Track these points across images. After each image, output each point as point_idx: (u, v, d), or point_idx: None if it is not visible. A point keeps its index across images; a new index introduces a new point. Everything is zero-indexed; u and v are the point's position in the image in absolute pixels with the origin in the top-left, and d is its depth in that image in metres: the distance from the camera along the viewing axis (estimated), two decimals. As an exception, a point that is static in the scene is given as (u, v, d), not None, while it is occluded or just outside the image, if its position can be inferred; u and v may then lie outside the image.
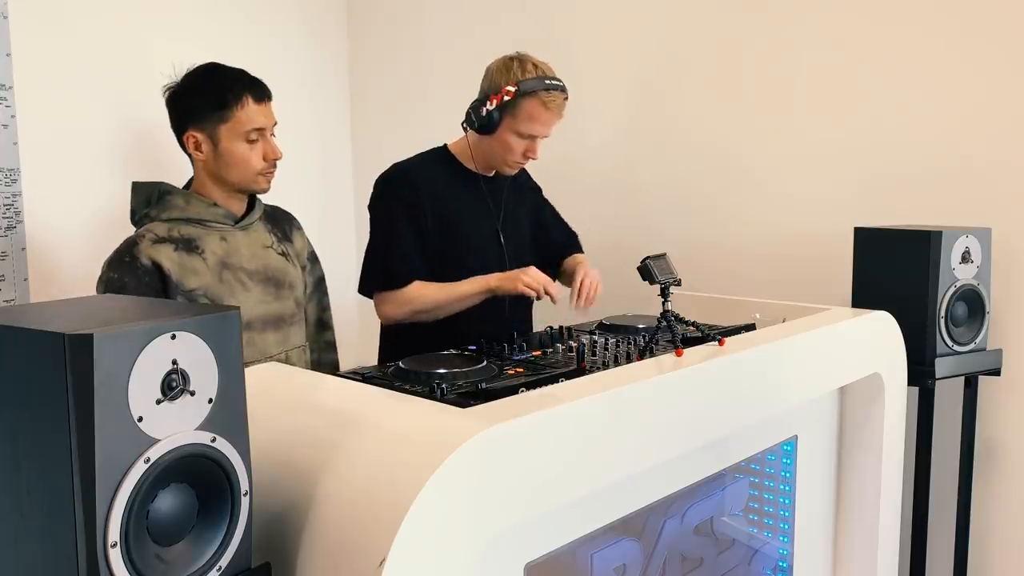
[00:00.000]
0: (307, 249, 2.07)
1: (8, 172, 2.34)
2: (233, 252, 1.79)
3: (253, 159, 1.78)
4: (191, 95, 1.78)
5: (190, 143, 1.78)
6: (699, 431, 1.45)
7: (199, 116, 1.76)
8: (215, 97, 1.75)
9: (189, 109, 1.78)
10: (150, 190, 1.80)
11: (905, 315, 1.95)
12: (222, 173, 1.79)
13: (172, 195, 1.78)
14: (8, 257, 2.34)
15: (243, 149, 1.76)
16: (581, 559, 1.37)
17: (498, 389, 1.36)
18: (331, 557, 1.04)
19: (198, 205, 1.78)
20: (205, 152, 1.77)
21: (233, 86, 1.76)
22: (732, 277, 2.55)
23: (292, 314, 1.93)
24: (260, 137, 1.79)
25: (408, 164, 2.07)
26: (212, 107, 1.75)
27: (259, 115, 1.77)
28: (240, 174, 1.79)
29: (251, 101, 1.76)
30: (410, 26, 3.26)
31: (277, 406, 1.31)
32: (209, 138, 1.76)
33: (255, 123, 1.77)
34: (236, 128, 1.75)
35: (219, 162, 1.78)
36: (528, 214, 2.26)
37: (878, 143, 2.30)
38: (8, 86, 2.32)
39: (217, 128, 1.75)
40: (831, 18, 2.35)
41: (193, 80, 1.80)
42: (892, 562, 2.03)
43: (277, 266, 1.89)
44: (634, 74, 2.73)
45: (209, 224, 1.78)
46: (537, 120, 1.97)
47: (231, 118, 1.75)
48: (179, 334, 0.93)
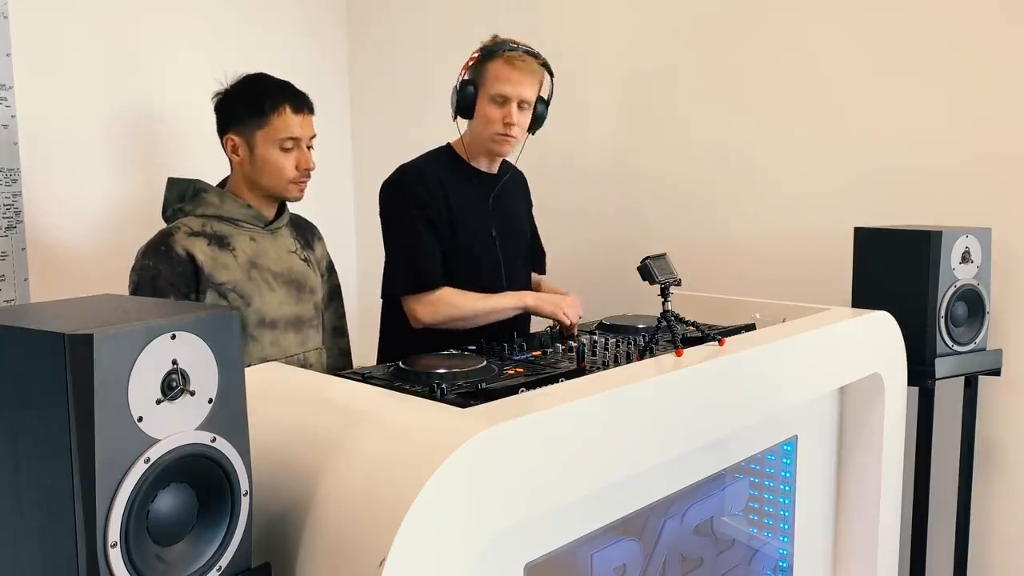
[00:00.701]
0: (326, 259, 2.12)
1: (8, 172, 2.34)
2: (261, 253, 1.85)
3: (286, 167, 1.85)
4: (234, 100, 1.86)
5: (228, 145, 1.86)
6: (699, 431, 1.45)
7: (238, 121, 1.84)
8: (255, 104, 1.82)
9: (230, 113, 1.86)
10: (185, 186, 1.86)
11: (905, 315, 1.95)
12: (256, 177, 1.86)
13: (207, 193, 1.85)
14: (8, 257, 2.34)
15: (277, 156, 1.83)
16: (581, 559, 1.37)
17: (498, 389, 1.37)
18: (331, 557, 1.04)
19: (232, 204, 1.84)
20: (242, 155, 1.85)
21: (273, 95, 1.84)
22: (732, 277, 2.55)
23: (311, 317, 1.98)
24: (295, 146, 1.86)
25: (416, 165, 2.07)
26: (251, 113, 1.83)
27: (296, 125, 1.84)
28: (272, 180, 1.86)
29: (289, 111, 1.83)
30: (410, 26, 3.26)
31: (277, 406, 1.31)
32: (246, 142, 1.84)
33: (291, 132, 1.83)
34: (272, 135, 1.82)
35: (254, 166, 1.85)
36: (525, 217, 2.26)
37: (878, 143, 2.30)
38: (8, 86, 2.32)
39: (254, 134, 1.83)
40: (832, 18, 2.35)
41: (239, 86, 1.88)
42: (892, 562, 2.03)
43: (300, 270, 1.94)
44: (635, 74, 2.73)
45: (240, 224, 1.85)
46: (504, 79, 1.94)
47: (267, 125, 1.82)
48: (179, 334, 0.93)
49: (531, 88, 1.98)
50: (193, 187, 1.85)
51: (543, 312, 1.95)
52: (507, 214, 2.13)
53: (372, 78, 3.39)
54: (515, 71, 1.94)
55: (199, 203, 1.84)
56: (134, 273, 1.78)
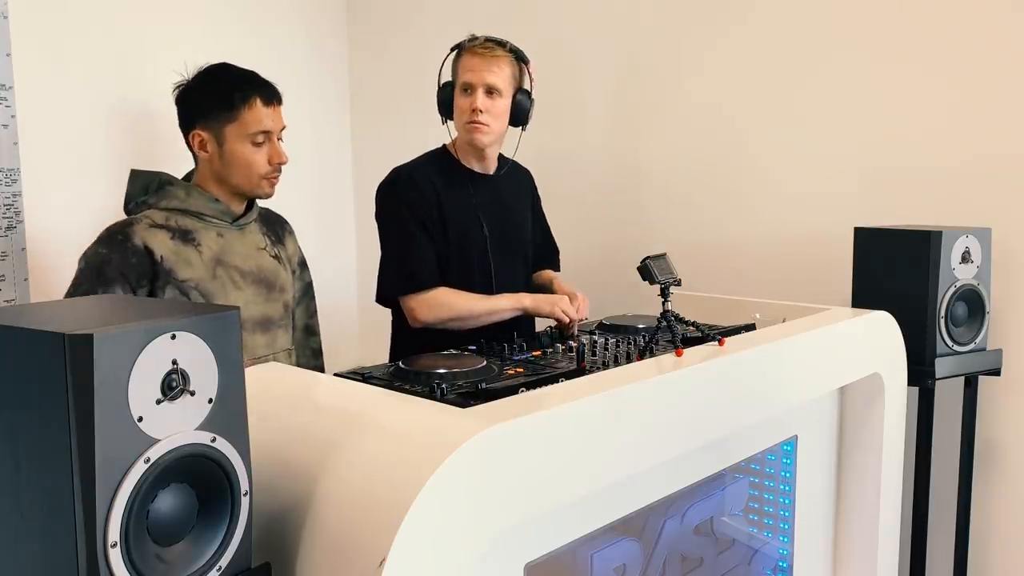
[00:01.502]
0: (298, 255, 2.06)
1: (8, 172, 2.34)
2: (228, 250, 1.78)
3: (257, 162, 1.76)
4: (199, 93, 1.77)
5: (195, 141, 1.76)
6: (699, 431, 1.45)
7: (205, 115, 1.74)
8: (223, 96, 1.73)
9: (196, 107, 1.76)
10: (149, 179, 1.78)
11: (905, 315, 1.95)
12: (225, 174, 1.77)
13: (173, 186, 1.77)
14: (8, 257, 2.34)
15: (248, 151, 1.75)
16: (581, 559, 1.37)
17: (498, 389, 1.37)
18: (331, 557, 1.04)
19: (199, 198, 1.76)
20: (210, 151, 1.76)
21: (242, 86, 1.74)
22: (732, 277, 2.55)
23: (280, 317, 1.93)
24: (266, 140, 1.77)
25: (409, 167, 2.07)
26: (219, 106, 1.73)
27: (267, 118, 1.76)
28: (243, 176, 1.77)
29: (259, 103, 1.75)
30: (409, 27, 3.26)
31: (277, 406, 1.31)
32: (215, 138, 1.75)
33: (262, 125, 1.75)
34: (242, 129, 1.74)
35: (223, 162, 1.76)
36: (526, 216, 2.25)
37: (878, 143, 2.30)
38: (8, 86, 2.32)
39: (223, 128, 1.74)
40: (832, 17, 2.35)
41: (203, 78, 1.78)
42: (892, 562, 2.03)
43: (269, 268, 1.88)
44: (634, 73, 2.73)
45: (207, 219, 1.77)
46: (468, 68, 1.98)
47: (237, 119, 1.73)
48: (179, 334, 0.93)
49: (496, 74, 1.97)
50: (158, 179, 1.77)
51: (541, 312, 1.95)
52: (501, 215, 2.12)
53: (372, 78, 3.39)
54: (477, 58, 1.97)
55: (164, 195, 1.75)
56: (82, 259, 1.69)
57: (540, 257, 2.30)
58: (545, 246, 2.33)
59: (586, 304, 2.00)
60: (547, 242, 2.34)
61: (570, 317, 1.92)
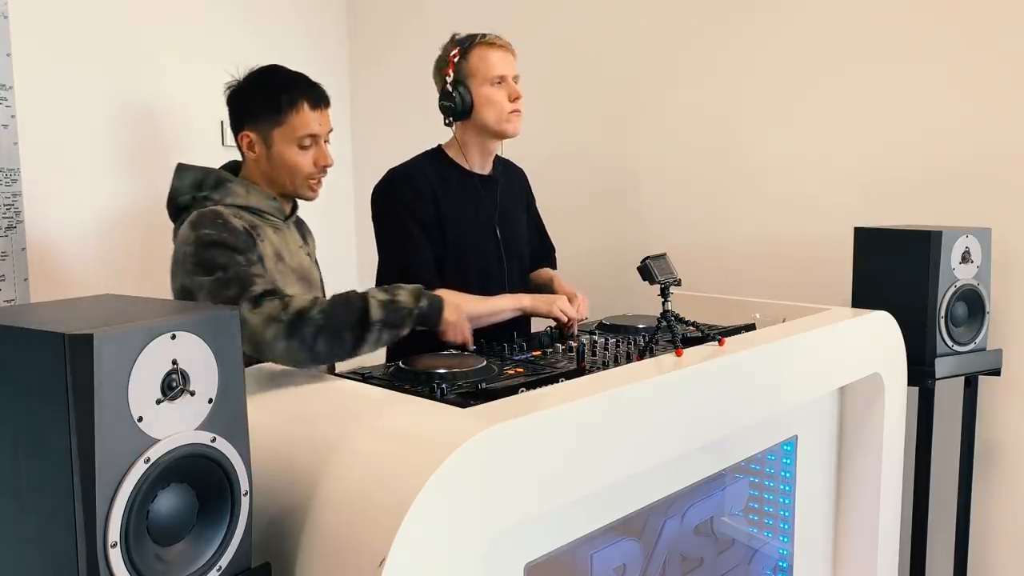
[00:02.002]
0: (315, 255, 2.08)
1: (8, 172, 2.34)
2: (282, 247, 1.79)
3: (303, 164, 1.77)
4: (248, 95, 1.77)
5: (244, 142, 1.77)
6: (699, 431, 1.45)
7: (254, 117, 1.75)
8: (271, 100, 1.74)
9: (245, 109, 1.77)
10: (201, 174, 1.75)
11: (905, 315, 1.95)
12: (272, 175, 1.78)
13: (232, 183, 1.76)
14: (8, 257, 2.34)
15: (294, 154, 1.75)
16: (581, 559, 1.37)
17: (498, 389, 1.37)
18: (331, 557, 1.04)
19: (259, 196, 1.76)
20: (258, 152, 1.76)
21: (290, 90, 1.75)
22: (732, 277, 2.55)
23: None
24: (313, 143, 1.77)
25: (405, 168, 2.06)
26: (267, 110, 1.74)
27: (314, 122, 1.76)
28: (289, 178, 1.78)
29: (307, 107, 1.75)
30: (410, 26, 3.26)
31: (277, 406, 1.31)
32: (262, 140, 1.75)
33: (309, 129, 1.75)
34: (289, 133, 1.74)
35: (270, 164, 1.77)
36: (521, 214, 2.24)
37: (878, 143, 2.30)
38: (8, 86, 2.32)
39: (271, 131, 1.74)
40: (832, 17, 2.35)
41: (252, 80, 1.79)
42: (892, 562, 2.03)
43: (308, 266, 1.90)
44: (634, 74, 2.73)
45: (266, 216, 1.77)
46: (495, 61, 1.99)
47: (285, 122, 1.74)
48: (179, 334, 0.93)
49: (514, 65, 2.04)
50: (214, 176, 1.75)
51: (539, 312, 1.94)
52: (502, 214, 2.11)
53: (372, 78, 3.39)
54: (499, 50, 2.00)
55: (226, 192, 1.73)
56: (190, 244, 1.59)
57: (538, 256, 2.29)
58: (542, 245, 2.32)
59: (586, 304, 2.00)
60: (543, 241, 2.33)
61: (569, 316, 1.92)
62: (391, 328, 1.49)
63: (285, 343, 1.42)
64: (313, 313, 1.44)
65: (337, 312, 1.46)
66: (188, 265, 1.56)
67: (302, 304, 1.46)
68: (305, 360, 1.45)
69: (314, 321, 1.43)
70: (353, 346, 1.47)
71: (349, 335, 1.45)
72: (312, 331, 1.43)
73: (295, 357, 1.44)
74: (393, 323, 1.50)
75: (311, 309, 1.45)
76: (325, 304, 1.47)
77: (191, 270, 1.55)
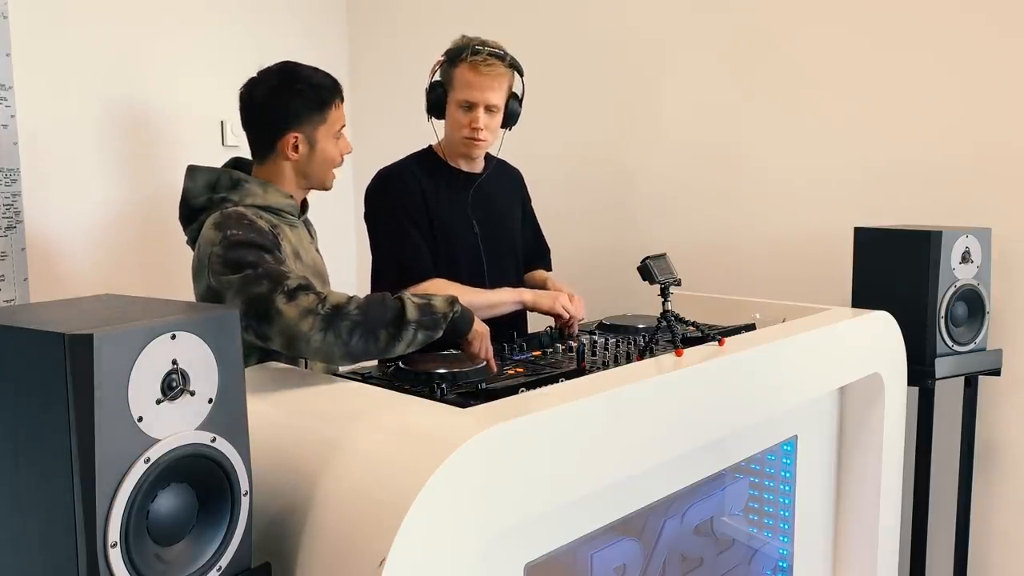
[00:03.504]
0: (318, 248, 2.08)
1: (8, 172, 2.34)
2: (298, 244, 1.79)
3: (337, 156, 1.82)
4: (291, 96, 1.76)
5: (289, 144, 1.76)
6: (699, 431, 1.45)
7: (300, 118, 1.76)
8: (316, 99, 1.77)
9: (290, 111, 1.76)
10: (214, 175, 1.74)
11: (905, 315, 1.95)
12: (311, 171, 1.80)
13: (248, 183, 1.75)
14: (8, 257, 2.34)
15: (333, 147, 1.81)
16: (581, 559, 1.37)
17: (498, 389, 1.37)
18: (331, 557, 1.04)
19: (276, 195, 1.77)
20: (301, 152, 1.78)
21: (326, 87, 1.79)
22: (732, 277, 2.55)
23: None
24: (340, 134, 1.83)
25: (394, 167, 2.08)
26: (312, 109, 1.77)
27: (343, 113, 1.83)
28: (326, 171, 1.83)
29: (339, 100, 1.81)
30: (410, 26, 3.26)
31: (277, 406, 1.31)
32: (308, 139, 1.78)
33: (342, 121, 1.82)
34: (330, 129, 1.79)
35: (311, 161, 1.79)
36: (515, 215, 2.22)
37: (878, 143, 2.30)
38: (8, 86, 2.32)
39: (317, 129, 1.78)
40: (831, 18, 2.35)
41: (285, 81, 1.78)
42: (892, 562, 2.03)
43: (320, 262, 1.91)
44: (634, 74, 2.73)
45: (283, 215, 1.78)
46: (469, 85, 1.95)
47: (327, 119, 1.78)
48: (179, 334, 0.93)
49: (497, 92, 1.97)
50: (229, 176, 1.74)
51: (541, 307, 1.93)
52: (489, 213, 2.10)
53: (372, 78, 3.39)
54: (480, 76, 1.94)
55: (244, 193, 1.72)
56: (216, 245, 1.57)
57: (532, 256, 2.29)
58: (537, 245, 2.32)
59: (582, 304, 2.00)
60: (539, 241, 2.33)
61: (571, 314, 1.92)
62: (425, 329, 1.49)
63: (321, 335, 1.41)
64: (350, 308, 1.44)
65: (374, 309, 1.46)
66: (216, 266, 1.55)
67: (339, 299, 1.46)
68: (339, 355, 1.44)
69: (351, 316, 1.43)
70: (387, 344, 1.45)
71: (384, 332, 1.45)
72: (348, 326, 1.42)
73: (329, 352, 1.43)
74: (427, 325, 1.49)
75: (348, 304, 1.45)
76: (362, 301, 1.48)
77: (219, 270, 1.54)
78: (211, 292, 1.56)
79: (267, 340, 1.46)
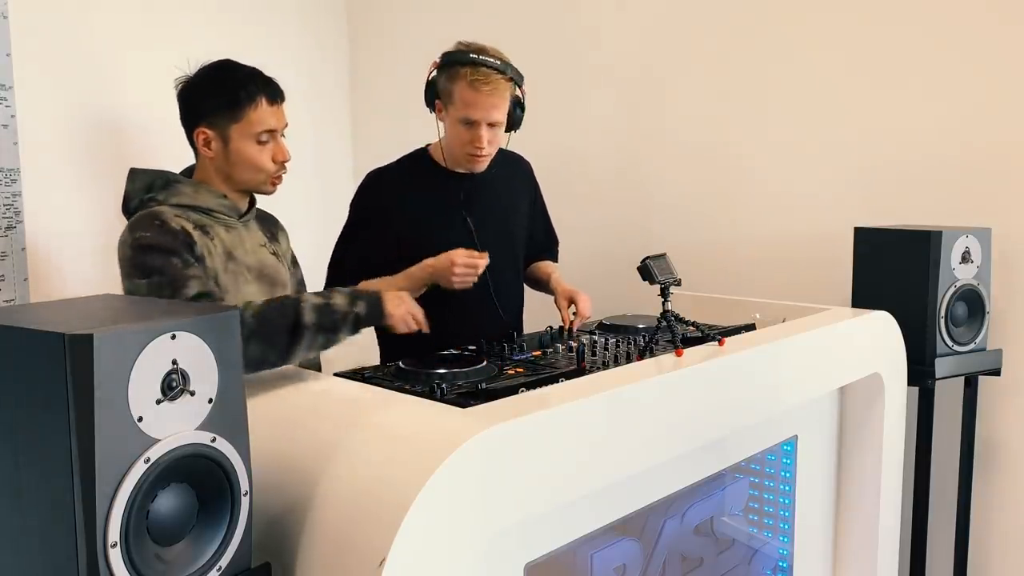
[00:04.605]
0: (290, 251, 2.06)
1: (8, 172, 2.34)
2: (237, 245, 1.78)
3: (262, 160, 1.77)
4: (203, 91, 1.76)
5: (199, 139, 1.77)
6: (699, 431, 1.45)
7: (210, 113, 1.75)
8: (228, 96, 1.73)
9: (201, 105, 1.76)
10: (151, 177, 1.76)
11: (905, 315, 1.95)
12: (230, 172, 1.78)
13: (180, 183, 1.76)
14: (8, 257, 2.34)
15: (253, 150, 1.75)
16: (581, 559, 1.37)
17: (498, 389, 1.37)
18: (331, 557, 1.04)
19: (207, 195, 1.76)
20: (214, 149, 1.76)
21: (247, 85, 1.74)
22: (732, 277, 2.55)
23: None
24: (271, 138, 1.78)
25: (381, 172, 2.08)
26: (225, 106, 1.73)
27: (271, 116, 1.76)
28: (248, 174, 1.78)
29: (264, 102, 1.75)
30: (410, 27, 3.26)
31: (277, 406, 1.31)
32: (219, 136, 1.75)
33: (267, 124, 1.75)
34: (247, 129, 1.74)
35: (228, 161, 1.76)
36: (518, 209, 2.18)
37: (878, 143, 2.30)
38: (8, 86, 2.32)
39: (228, 127, 1.74)
40: (831, 18, 2.35)
41: (206, 76, 1.78)
42: (892, 562, 2.03)
43: (271, 264, 1.88)
44: (634, 74, 2.73)
45: (216, 215, 1.77)
46: (471, 104, 1.87)
47: (243, 118, 1.73)
48: (179, 334, 0.93)
49: (500, 108, 1.91)
50: (163, 177, 1.75)
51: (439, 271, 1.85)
52: (488, 213, 2.06)
53: (372, 78, 3.39)
54: (481, 95, 1.87)
55: (172, 192, 1.73)
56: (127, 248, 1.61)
57: (539, 247, 2.26)
58: (546, 238, 2.30)
59: (589, 303, 1.99)
60: (548, 233, 2.31)
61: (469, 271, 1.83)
62: (325, 332, 1.48)
63: None
64: (245, 317, 1.43)
65: (270, 315, 1.46)
66: (127, 268, 1.59)
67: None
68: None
69: (246, 325, 1.42)
70: (286, 350, 1.46)
71: (281, 339, 1.45)
72: (244, 334, 1.41)
73: None
74: (327, 327, 1.49)
75: (243, 312, 1.43)
76: (257, 308, 1.48)
77: (130, 273, 1.58)
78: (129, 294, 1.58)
79: None
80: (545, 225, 2.30)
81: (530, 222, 2.22)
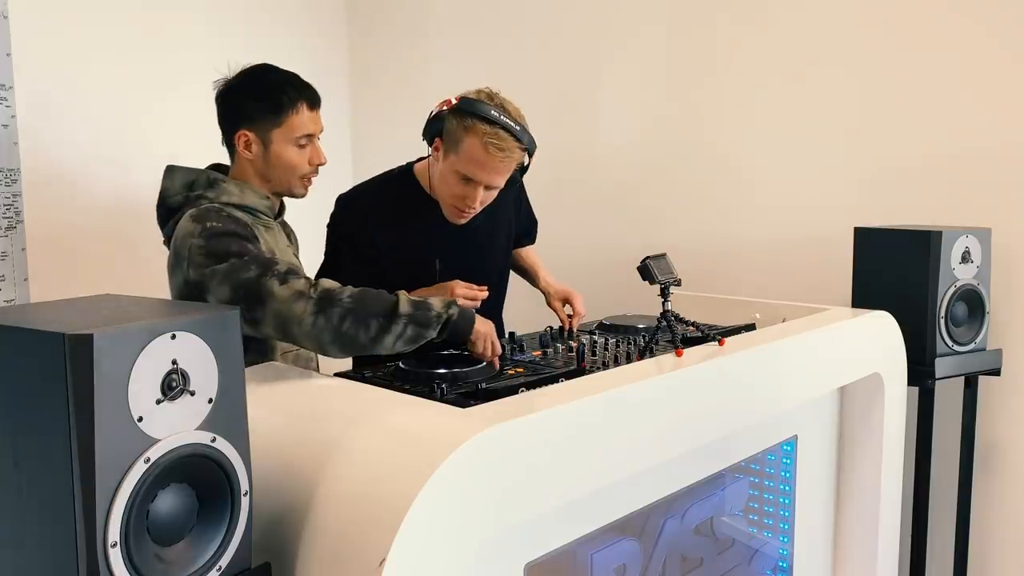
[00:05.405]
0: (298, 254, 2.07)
1: (8, 172, 2.34)
2: (274, 245, 1.80)
3: (300, 163, 1.80)
4: (246, 95, 1.78)
5: (240, 141, 1.78)
6: (699, 431, 1.45)
7: (252, 117, 1.77)
8: (271, 100, 1.76)
9: (243, 108, 1.78)
10: (192, 175, 1.76)
11: (905, 315, 1.95)
12: (268, 173, 1.81)
13: (225, 182, 1.77)
14: (8, 257, 2.34)
15: (292, 153, 1.79)
16: (581, 559, 1.37)
17: (498, 389, 1.37)
18: (331, 557, 1.04)
19: (252, 195, 1.78)
20: (255, 152, 1.78)
21: (289, 91, 1.78)
22: (732, 277, 2.55)
23: None
24: (309, 143, 1.81)
25: (359, 191, 2.02)
26: (267, 110, 1.76)
27: (311, 122, 1.80)
28: (285, 177, 1.81)
29: (305, 108, 1.79)
30: (410, 27, 3.26)
31: (277, 406, 1.31)
32: (261, 139, 1.78)
33: (307, 129, 1.79)
34: (288, 133, 1.77)
35: (268, 163, 1.79)
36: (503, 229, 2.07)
37: (878, 143, 2.30)
38: (8, 86, 2.32)
39: (270, 131, 1.77)
40: (831, 19, 2.35)
41: (248, 79, 1.80)
42: (892, 562, 2.03)
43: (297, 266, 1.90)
44: (634, 75, 2.73)
45: (258, 214, 1.79)
46: (477, 163, 1.73)
47: (284, 123, 1.77)
48: (179, 334, 0.93)
49: (504, 175, 1.78)
50: (207, 176, 1.76)
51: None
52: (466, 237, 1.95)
53: (372, 78, 3.39)
54: (491, 159, 1.72)
55: (220, 191, 1.74)
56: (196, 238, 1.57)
57: (521, 232, 2.18)
58: (528, 223, 2.21)
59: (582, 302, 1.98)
60: (529, 218, 2.21)
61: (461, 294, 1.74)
62: (417, 325, 1.48)
63: (313, 319, 1.42)
64: (343, 295, 1.45)
65: (367, 298, 1.47)
66: (197, 258, 1.55)
67: (331, 284, 1.47)
68: (329, 340, 1.44)
69: (343, 302, 1.44)
70: (378, 334, 1.45)
71: (375, 322, 1.45)
72: (340, 312, 1.43)
73: (319, 336, 1.44)
74: (421, 321, 1.49)
75: (341, 291, 1.46)
76: (354, 289, 1.48)
77: (201, 262, 1.54)
78: (189, 286, 1.56)
79: (258, 324, 1.46)
80: (527, 213, 2.21)
81: (516, 224, 2.15)
